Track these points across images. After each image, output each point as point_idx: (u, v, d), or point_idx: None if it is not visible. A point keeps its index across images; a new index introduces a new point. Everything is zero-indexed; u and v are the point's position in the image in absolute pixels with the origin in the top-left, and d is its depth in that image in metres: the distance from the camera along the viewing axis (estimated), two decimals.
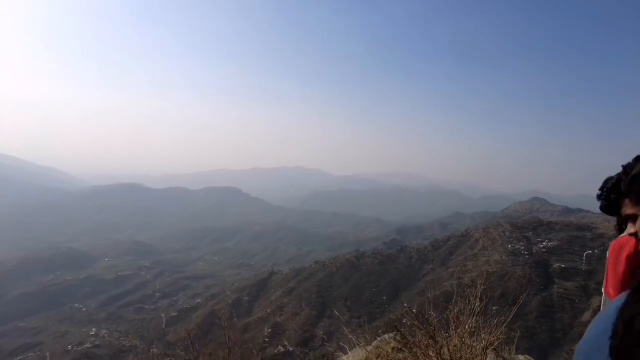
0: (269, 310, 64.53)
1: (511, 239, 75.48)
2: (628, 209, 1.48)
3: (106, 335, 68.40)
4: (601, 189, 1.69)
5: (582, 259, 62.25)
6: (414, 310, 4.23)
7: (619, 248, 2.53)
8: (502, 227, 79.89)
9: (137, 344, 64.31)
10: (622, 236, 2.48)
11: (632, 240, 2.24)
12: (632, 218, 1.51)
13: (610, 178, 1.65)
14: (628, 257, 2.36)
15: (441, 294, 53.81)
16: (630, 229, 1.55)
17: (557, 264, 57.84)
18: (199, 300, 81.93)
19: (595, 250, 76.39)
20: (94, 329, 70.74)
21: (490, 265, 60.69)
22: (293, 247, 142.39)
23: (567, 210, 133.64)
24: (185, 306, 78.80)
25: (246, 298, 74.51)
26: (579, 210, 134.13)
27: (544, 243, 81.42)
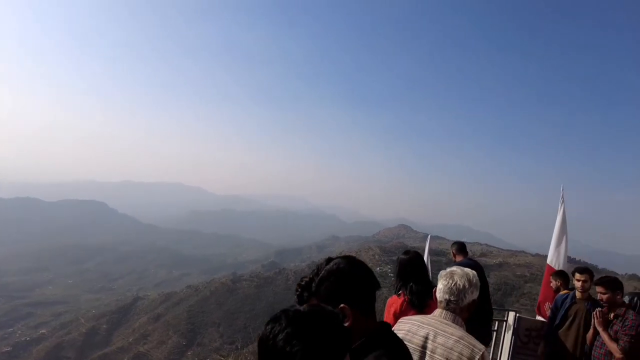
0: (131, 339, 58.40)
1: (380, 262, 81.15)
2: None
3: None
4: (298, 284, 1.86)
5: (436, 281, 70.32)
6: None
7: (390, 305, 3.26)
8: (373, 251, 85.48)
9: None
10: (394, 296, 3.31)
11: (400, 300, 3.15)
12: None
13: (305, 277, 1.84)
14: (395, 314, 3.01)
15: None
16: None
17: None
18: (43, 330, 70.18)
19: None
20: None
21: None
22: (164, 270, 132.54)
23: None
24: (24, 339, 66.70)
25: (105, 326, 66.38)
26: (437, 237, 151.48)
27: None
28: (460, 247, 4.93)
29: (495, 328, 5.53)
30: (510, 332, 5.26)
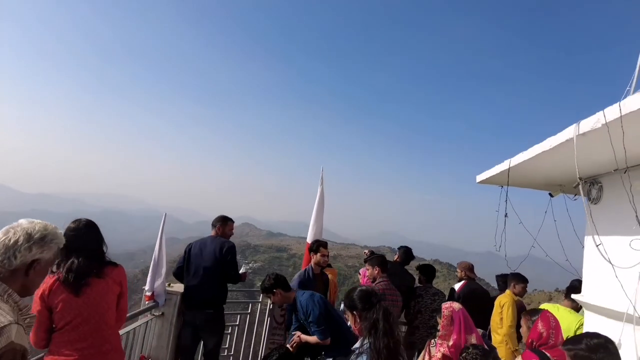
0: None
1: None
2: None
3: None
4: None
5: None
6: None
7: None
8: None
9: None
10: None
11: (52, 278, 2.51)
12: None
13: None
14: (42, 296, 2.45)
15: None
16: None
17: (260, 283, 64.92)
18: None
19: (290, 269, 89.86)
20: None
21: None
22: None
23: (271, 234, 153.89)
24: None
25: None
26: (280, 234, 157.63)
27: (250, 264, 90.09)
28: (217, 220, 4.64)
29: (250, 311, 5.63)
30: (266, 313, 5.36)
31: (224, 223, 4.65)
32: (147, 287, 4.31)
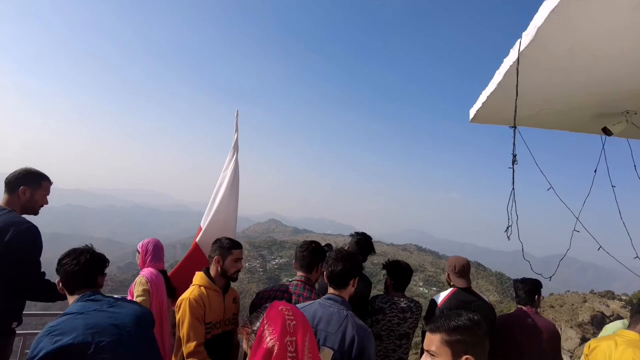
0: None
1: (249, 258, 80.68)
2: None
3: None
4: None
5: None
6: None
7: None
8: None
9: None
10: None
11: None
12: None
13: None
14: None
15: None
16: None
17: (286, 279, 65.45)
18: None
19: None
20: None
21: None
22: None
23: (296, 231, 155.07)
24: None
25: None
26: (305, 230, 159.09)
27: (276, 260, 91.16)
28: (20, 177, 2.63)
29: None
30: None
31: (34, 184, 2.52)
32: None
